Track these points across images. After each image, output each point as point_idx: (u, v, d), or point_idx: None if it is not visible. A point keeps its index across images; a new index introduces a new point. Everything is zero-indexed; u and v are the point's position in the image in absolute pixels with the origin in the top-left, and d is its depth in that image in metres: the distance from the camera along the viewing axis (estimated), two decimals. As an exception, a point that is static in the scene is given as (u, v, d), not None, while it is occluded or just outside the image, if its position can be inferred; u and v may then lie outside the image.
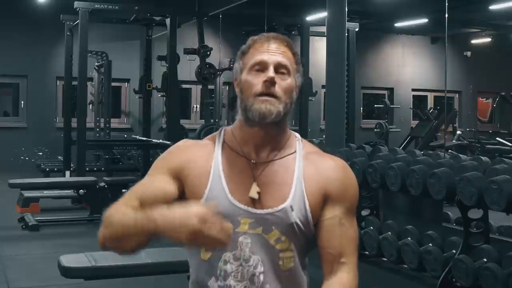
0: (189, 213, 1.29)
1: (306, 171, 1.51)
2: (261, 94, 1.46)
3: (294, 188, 1.49)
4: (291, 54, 1.52)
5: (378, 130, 10.95)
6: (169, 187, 1.49)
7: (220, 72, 10.74)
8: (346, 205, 1.52)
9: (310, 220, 1.49)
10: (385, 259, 5.29)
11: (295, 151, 1.54)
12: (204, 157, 1.53)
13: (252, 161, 1.51)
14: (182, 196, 1.51)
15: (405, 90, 15.25)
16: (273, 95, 1.46)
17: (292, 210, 1.47)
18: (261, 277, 1.47)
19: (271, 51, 1.49)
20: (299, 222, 1.48)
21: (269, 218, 1.47)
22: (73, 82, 9.43)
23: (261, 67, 1.48)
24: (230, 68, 10.67)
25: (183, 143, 1.59)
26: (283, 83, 1.48)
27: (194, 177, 1.50)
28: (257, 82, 1.47)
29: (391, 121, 12.77)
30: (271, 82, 1.46)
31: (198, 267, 1.52)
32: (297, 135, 1.60)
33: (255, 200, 1.48)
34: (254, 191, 1.48)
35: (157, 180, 1.50)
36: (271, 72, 1.46)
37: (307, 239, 1.51)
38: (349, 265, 1.49)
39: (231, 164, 1.50)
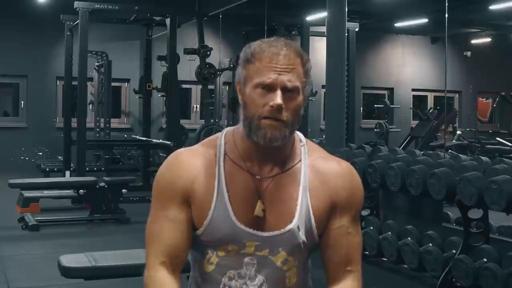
0: None
1: (311, 182, 1.46)
2: (267, 117, 1.38)
3: (300, 204, 1.44)
4: (301, 68, 1.40)
5: (378, 130, 10.95)
6: (182, 220, 1.45)
7: (220, 72, 10.74)
8: (353, 213, 1.49)
9: (315, 233, 1.46)
10: (385, 259, 5.28)
11: (300, 160, 1.48)
12: (206, 171, 1.45)
13: (256, 177, 1.45)
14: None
15: (405, 90, 15.24)
16: (279, 120, 1.38)
17: (299, 230, 1.44)
18: None
19: (279, 68, 1.37)
20: (305, 239, 1.45)
21: (276, 240, 1.44)
22: (73, 82, 9.41)
23: (268, 88, 1.38)
24: (230, 68, 10.68)
25: (178, 158, 1.49)
26: (291, 105, 1.39)
27: (199, 196, 1.44)
28: (263, 103, 1.38)
29: (391, 121, 12.77)
30: (277, 109, 1.37)
31: (201, 278, 1.50)
32: (302, 138, 1.52)
33: (260, 219, 1.43)
34: (259, 209, 1.43)
35: (170, 221, 1.45)
36: (278, 98, 1.36)
37: (310, 249, 1.49)
38: (354, 273, 1.48)
39: (234, 181, 1.42)
